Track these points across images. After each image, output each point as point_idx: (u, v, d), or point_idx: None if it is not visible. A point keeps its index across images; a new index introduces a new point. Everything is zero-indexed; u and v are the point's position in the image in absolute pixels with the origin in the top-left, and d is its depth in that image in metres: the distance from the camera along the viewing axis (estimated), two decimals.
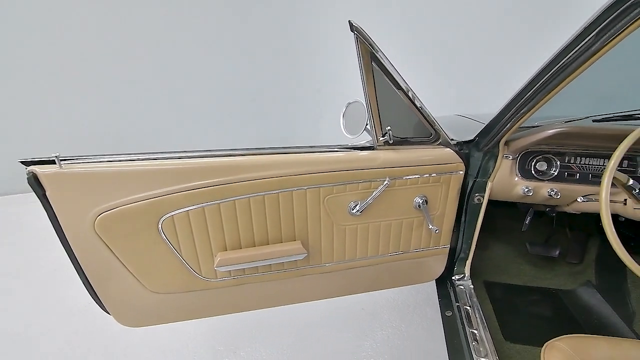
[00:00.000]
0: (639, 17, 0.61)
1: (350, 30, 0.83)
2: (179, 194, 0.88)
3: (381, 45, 0.86)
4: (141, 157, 0.87)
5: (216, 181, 0.90)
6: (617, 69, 2.21)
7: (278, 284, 1.12)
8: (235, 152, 0.93)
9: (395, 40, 3.17)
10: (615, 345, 0.84)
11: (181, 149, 0.93)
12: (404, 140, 1.03)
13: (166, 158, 0.88)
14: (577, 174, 1.12)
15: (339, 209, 1.02)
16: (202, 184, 0.89)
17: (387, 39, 3.16)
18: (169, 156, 0.88)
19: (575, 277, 1.52)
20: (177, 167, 0.87)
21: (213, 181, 0.89)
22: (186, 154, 0.90)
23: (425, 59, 3.34)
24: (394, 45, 3.20)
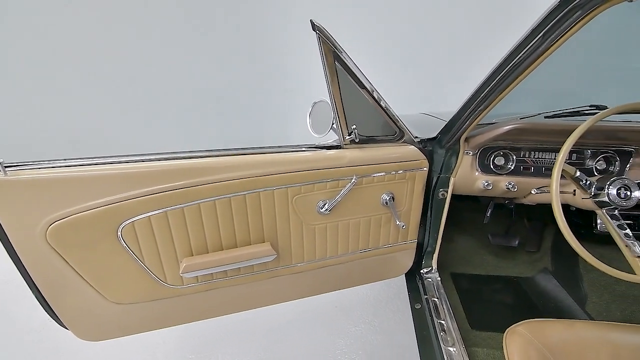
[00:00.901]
0: (581, 19, 0.65)
1: (312, 30, 0.83)
2: (139, 199, 0.85)
3: (349, 45, 0.87)
4: (96, 161, 0.83)
5: (179, 184, 0.87)
6: (567, 68, 2.37)
7: (248, 287, 1.10)
8: (199, 153, 0.91)
9: (362, 40, 3.21)
10: (569, 327, 0.90)
11: (142, 151, 0.89)
12: (369, 139, 1.05)
13: (124, 162, 0.84)
14: (531, 168, 1.19)
15: (308, 209, 1.02)
16: (164, 187, 0.86)
17: (354, 39, 3.18)
18: (127, 160, 0.84)
19: (533, 265, 1.62)
20: (137, 170, 0.83)
21: (176, 184, 0.86)
22: (146, 157, 0.86)
23: (393, 59, 3.40)
24: (362, 45, 3.24)
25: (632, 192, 0.92)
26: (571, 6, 0.63)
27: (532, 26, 0.71)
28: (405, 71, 3.48)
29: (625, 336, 0.87)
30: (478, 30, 3.20)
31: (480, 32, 3.20)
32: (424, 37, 3.35)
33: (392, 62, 3.42)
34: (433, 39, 3.34)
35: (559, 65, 2.18)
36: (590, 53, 2.38)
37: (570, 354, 0.83)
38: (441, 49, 3.35)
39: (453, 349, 1.01)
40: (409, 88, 3.48)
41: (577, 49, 2.24)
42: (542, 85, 2.11)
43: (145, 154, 0.87)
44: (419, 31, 3.33)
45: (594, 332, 0.88)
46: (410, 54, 3.42)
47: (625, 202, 0.92)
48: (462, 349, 1.00)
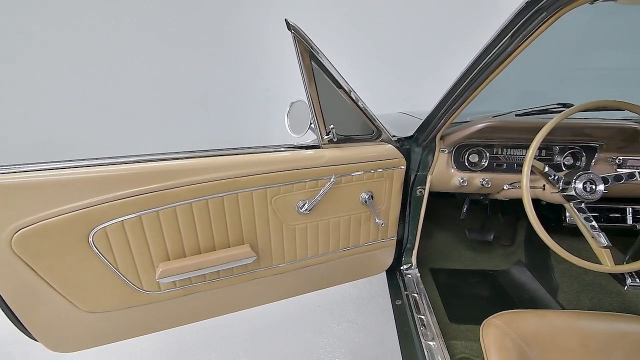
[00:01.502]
0: (546, 20, 0.68)
1: (287, 29, 0.83)
2: (112, 204, 0.82)
3: (328, 45, 0.87)
4: (65, 165, 0.79)
5: (154, 187, 0.84)
6: (537, 67, 2.46)
7: (228, 290, 1.08)
8: (174, 155, 0.89)
9: (341, 40, 3.22)
10: (541, 317, 0.93)
11: (117, 154, 0.86)
12: (347, 138, 1.05)
13: (94, 165, 0.81)
14: (504, 164, 1.23)
15: (287, 209, 1.01)
16: (137, 191, 0.83)
17: (333, 39, 3.18)
18: (97, 163, 0.81)
19: (508, 258, 1.68)
20: (108, 174, 0.80)
21: (150, 187, 0.84)
22: (118, 160, 0.83)
23: (372, 59, 3.43)
24: (341, 45, 3.25)
25: (596, 186, 0.97)
26: (537, 8, 0.66)
27: (501, 27, 0.74)
28: (385, 71, 3.52)
29: (593, 323, 0.91)
30: (455, 29, 3.27)
31: (457, 31, 3.26)
32: (403, 37, 3.39)
33: (371, 62, 3.46)
34: (412, 39, 3.38)
35: (529, 65, 2.26)
36: (557, 53, 2.48)
37: (542, 343, 0.87)
38: (420, 49, 3.40)
39: (432, 343, 1.03)
40: (388, 88, 3.52)
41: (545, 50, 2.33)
42: (513, 85, 2.18)
43: (117, 157, 0.84)
44: (398, 31, 3.37)
45: (564, 321, 0.92)
46: (388, 54, 3.46)
47: (591, 196, 0.97)
48: (441, 343, 1.03)
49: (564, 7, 0.64)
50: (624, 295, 1.33)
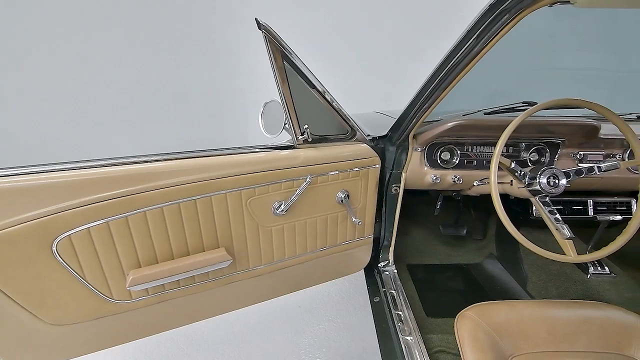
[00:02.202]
0: (509, 22, 0.71)
1: (258, 29, 0.82)
2: (76, 210, 0.78)
3: (303, 45, 0.87)
4: (25, 170, 0.75)
5: (122, 192, 0.81)
6: (505, 68, 2.56)
7: (205, 295, 1.06)
8: (144, 158, 0.86)
9: (318, 39, 3.22)
10: (512, 307, 0.97)
11: (85, 158, 0.82)
12: (322, 138, 1.06)
13: (57, 170, 0.77)
14: (474, 161, 1.27)
15: (263, 211, 1.00)
16: (104, 196, 0.80)
17: (309, 38, 3.18)
18: (60, 167, 0.77)
19: (480, 252, 1.74)
20: (72, 179, 0.76)
21: (118, 192, 0.81)
22: (83, 164, 0.79)
23: (350, 58, 3.45)
24: (317, 44, 3.24)
25: (559, 180, 1.02)
26: (500, 10, 0.68)
27: (467, 28, 0.76)
28: (361, 70, 3.54)
29: (559, 311, 0.96)
30: (429, 28, 3.33)
31: (432, 30, 3.33)
32: (379, 36, 3.42)
33: (348, 61, 3.47)
34: (387, 38, 3.41)
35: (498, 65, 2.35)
36: (524, 54, 2.59)
37: (513, 332, 0.90)
38: (395, 47, 3.44)
39: (410, 338, 1.05)
40: (365, 87, 3.55)
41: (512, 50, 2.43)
42: (484, 84, 2.26)
43: (81, 161, 0.81)
44: (374, 31, 3.40)
45: (533, 310, 0.96)
46: (365, 53, 3.48)
47: (554, 190, 1.02)
48: (418, 337, 1.05)
49: (525, 10, 0.67)
50: (587, 283, 1.41)
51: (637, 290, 1.37)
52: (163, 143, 3.50)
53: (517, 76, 2.65)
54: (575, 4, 0.70)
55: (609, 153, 1.27)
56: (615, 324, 0.92)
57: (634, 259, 1.65)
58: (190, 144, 3.50)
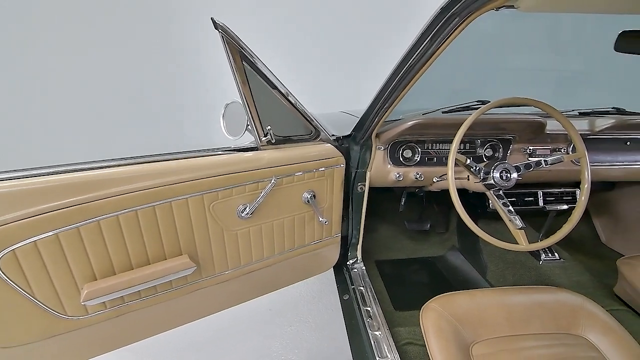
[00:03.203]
0: (459, 25, 0.74)
1: (214, 29, 0.79)
2: (21, 222, 0.72)
3: (267, 44, 0.85)
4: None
5: (72, 201, 0.76)
6: (463, 68, 2.68)
7: (169, 305, 1.02)
8: (95, 164, 0.81)
9: (282, 39, 3.20)
10: (472, 296, 1.02)
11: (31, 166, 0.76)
12: (286, 139, 1.05)
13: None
14: (434, 158, 1.32)
15: (228, 214, 0.98)
16: (53, 206, 0.74)
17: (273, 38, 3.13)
18: (4, 177, 0.71)
19: (443, 244, 1.81)
20: (16, 189, 0.70)
21: (68, 201, 0.75)
22: (28, 172, 0.73)
23: (316, 58, 3.45)
24: (283, 44, 3.21)
25: (511, 174, 1.09)
26: (450, 14, 0.71)
27: (421, 31, 0.79)
28: (328, 70, 3.54)
29: (515, 297, 1.02)
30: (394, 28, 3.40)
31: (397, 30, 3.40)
32: (345, 36, 3.44)
33: (314, 61, 3.47)
34: (354, 37, 3.44)
35: (456, 65, 2.45)
36: (478, 56, 2.73)
37: (473, 320, 0.95)
38: (363, 47, 3.48)
39: (378, 333, 1.07)
40: (332, 87, 3.56)
41: (467, 52, 2.54)
42: (444, 84, 2.35)
43: (26, 169, 0.74)
44: (340, 30, 3.41)
45: (491, 298, 1.01)
46: (331, 52, 3.49)
47: (507, 183, 1.08)
48: (386, 332, 1.07)
49: (474, 13, 0.70)
50: (540, 269, 1.51)
51: (583, 274, 1.48)
52: (119, 147, 3.31)
53: (474, 76, 2.79)
54: (519, 9, 0.74)
55: (555, 147, 1.37)
56: (565, 306, 0.99)
57: (580, 244, 1.79)
58: (150, 147, 3.35)
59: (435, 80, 1.79)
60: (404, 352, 1.05)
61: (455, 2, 0.69)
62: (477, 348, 0.90)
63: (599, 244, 1.83)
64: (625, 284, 1.26)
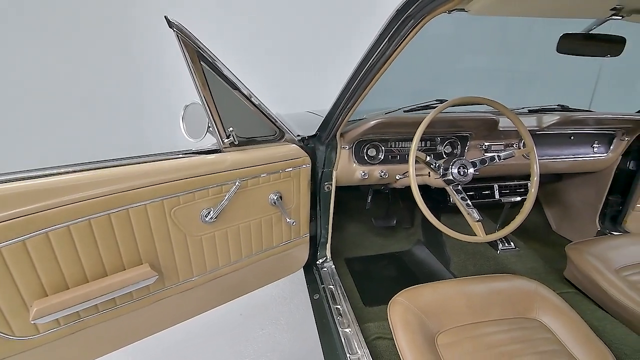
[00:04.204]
0: (414, 27, 0.76)
1: (168, 27, 0.76)
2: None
3: (235, 44, 0.83)
4: None
5: (16, 212, 0.70)
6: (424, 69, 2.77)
7: (130, 317, 0.97)
8: (43, 172, 0.75)
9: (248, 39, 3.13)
10: (436, 288, 1.06)
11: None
12: (250, 140, 1.03)
13: None
14: (397, 156, 1.36)
15: (190, 219, 0.95)
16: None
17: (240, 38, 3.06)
18: None
19: (409, 239, 1.87)
20: None
21: (10, 213, 0.69)
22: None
23: (282, 58, 3.41)
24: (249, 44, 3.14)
25: (467, 169, 1.14)
26: (405, 16, 0.73)
27: (378, 32, 0.80)
28: (295, 70, 3.52)
29: (475, 286, 1.07)
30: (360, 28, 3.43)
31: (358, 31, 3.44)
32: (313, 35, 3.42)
33: (280, 61, 3.43)
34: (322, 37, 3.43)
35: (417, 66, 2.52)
36: (438, 57, 2.84)
37: (438, 311, 0.98)
38: (330, 46, 3.48)
39: (349, 330, 1.08)
40: (299, 87, 3.54)
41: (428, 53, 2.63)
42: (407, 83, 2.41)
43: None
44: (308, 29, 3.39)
45: (454, 288, 1.06)
46: (298, 52, 3.47)
47: (464, 178, 1.14)
48: (356, 328, 1.09)
49: (427, 15, 0.72)
50: (498, 258, 1.60)
51: (537, 260, 1.59)
52: (69, 154, 3.09)
53: (435, 76, 2.90)
54: (470, 12, 0.78)
55: (508, 143, 1.46)
56: (520, 292, 1.06)
57: (534, 233, 1.92)
58: (105, 152, 3.17)
59: (399, 81, 1.84)
60: (374, 347, 1.07)
61: (410, 4, 0.71)
62: (442, 337, 0.94)
63: (550, 231, 1.97)
64: (573, 268, 1.36)
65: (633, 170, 1.60)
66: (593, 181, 1.72)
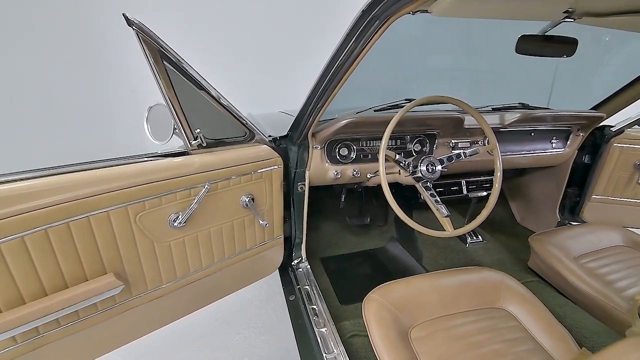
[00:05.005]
0: (380, 27, 0.77)
1: (127, 25, 0.73)
2: None
3: (203, 43, 0.80)
4: None
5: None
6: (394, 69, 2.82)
7: (96, 329, 0.92)
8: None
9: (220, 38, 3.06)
10: (408, 283, 1.08)
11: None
12: (218, 142, 1.01)
13: None
14: (369, 155, 1.37)
15: (158, 225, 0.92)
16: None
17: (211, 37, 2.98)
18: None
19: (383, 236, 1.90)
20: None
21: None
22: None
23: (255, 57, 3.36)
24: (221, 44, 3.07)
25: (435, 166, 1.18)
26: (370, 16, 0.74)
27: (345, 32, 0.81)
28: (268, 70, 3.47)
29: (446, 280, 1.10)
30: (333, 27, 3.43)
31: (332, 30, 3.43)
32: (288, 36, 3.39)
33: (253, 61, 3.38)
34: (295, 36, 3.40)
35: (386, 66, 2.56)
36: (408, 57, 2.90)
37: (410, 306, 1.01)
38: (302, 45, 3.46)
39: (324, 329, 1.08)
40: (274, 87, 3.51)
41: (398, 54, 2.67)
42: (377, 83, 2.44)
43: None
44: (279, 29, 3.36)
45: (426, 282, 1.08)
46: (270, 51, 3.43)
47: (432, 175, 1.17)
48: (332, 327, 1.09)
49: (392, 16, 0.74)
50: (467, 251, 1.66)
51: (503, 252, 1.66)
52: (27, 160, 2.91)
53: (405, 76, 2.96)
54: (433, 13, 0.80)
55: (474, 140, 1.51)
56: (488, 283, 1.10)
57: (500, 225, 2.00)
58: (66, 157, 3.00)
59: (371, 80, 1.85)
60: (350, 345, 1.08)
61: (374, 5, 0.72)
62: (415, 331, 0.96)
63: (515, 223, 2.07)
64: (536, 257, 1.43)
65: (588, 164, 1.71)
66: (553, 175, 1.81)
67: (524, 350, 0.92)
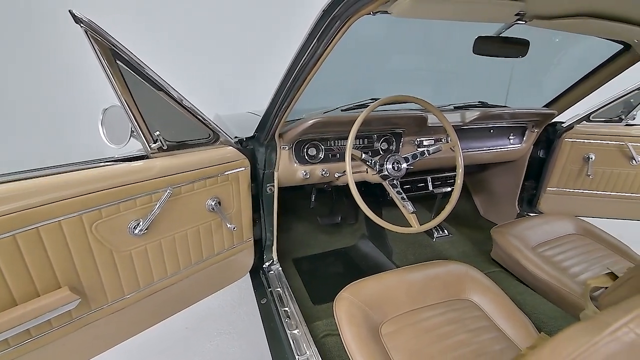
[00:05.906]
0: (341, 27, 0.77)
1: (75, 23, 0.69)
2: None
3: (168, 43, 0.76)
4: None
5: None
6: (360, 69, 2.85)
7: (51, 348, 0.86)
8: None
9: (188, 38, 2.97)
10: (379, 280, 1.10)
11: None
12: (180, 144, 0.98)
13: None
14: (337, 154, 1.38)
15: (117, 233, 0.87)
16: None
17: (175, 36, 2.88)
18: None
19: (354, 234, 1.92)
20: None
21: None
22: None
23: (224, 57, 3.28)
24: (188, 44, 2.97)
25: (401, 164, 1.20)
26: (331, 17, 0.74)
27: (307, 32, 0.81)
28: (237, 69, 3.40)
29: (414, 274, 1.13)
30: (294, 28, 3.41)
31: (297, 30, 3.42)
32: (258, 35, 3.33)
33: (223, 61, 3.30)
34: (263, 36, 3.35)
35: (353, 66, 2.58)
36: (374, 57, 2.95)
37: (380, 302, 1.02)
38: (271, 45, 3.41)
39: (297, 331, 1.08)
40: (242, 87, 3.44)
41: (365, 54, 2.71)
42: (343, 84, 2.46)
43: None
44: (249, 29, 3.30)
45: (395, 278, 1.11)
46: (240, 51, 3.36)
47: (398, 173, 1.19)
48: (304, 329, 1.08)
49: (352, 16, 0.74)
50: (434, 245, 1.71)
51: (467, 244, 1.73)
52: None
53: (372, 76, 3.01)
54: (392, 14, 0.81)
55: (437, 138, 1.56)
56: (453, 275, 1.14)
57: (464, 219, 2.08)
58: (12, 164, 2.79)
59: (338, 81, 1.86)
60: (322, 345, 1.08)
61: (335, 5, 0.72)
62: (385, 327, 0.98)
63: (479, 217, 2.16)
64: (497, 248, 1.50)
65: (543, 158, 1.81)
66: (511, 169, 1.91)
67: (488, 338, 0.96)
